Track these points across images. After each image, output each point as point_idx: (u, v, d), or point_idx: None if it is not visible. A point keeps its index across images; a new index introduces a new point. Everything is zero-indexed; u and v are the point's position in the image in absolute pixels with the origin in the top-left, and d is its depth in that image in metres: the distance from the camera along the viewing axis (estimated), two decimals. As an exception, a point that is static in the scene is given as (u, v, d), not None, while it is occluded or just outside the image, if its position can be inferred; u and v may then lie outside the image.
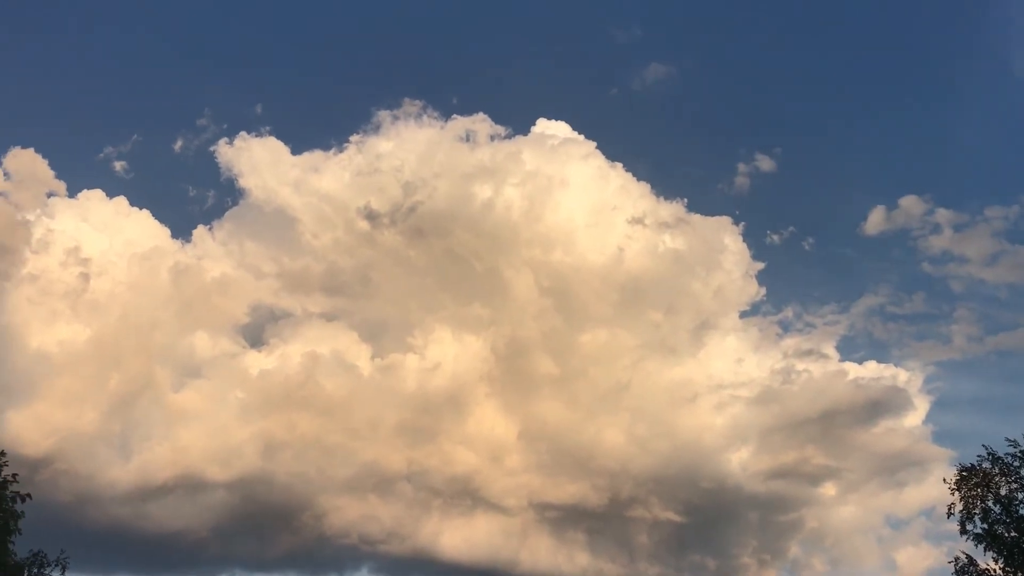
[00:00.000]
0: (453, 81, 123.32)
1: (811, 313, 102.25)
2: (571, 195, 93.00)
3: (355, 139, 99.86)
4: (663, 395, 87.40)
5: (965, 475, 34.22)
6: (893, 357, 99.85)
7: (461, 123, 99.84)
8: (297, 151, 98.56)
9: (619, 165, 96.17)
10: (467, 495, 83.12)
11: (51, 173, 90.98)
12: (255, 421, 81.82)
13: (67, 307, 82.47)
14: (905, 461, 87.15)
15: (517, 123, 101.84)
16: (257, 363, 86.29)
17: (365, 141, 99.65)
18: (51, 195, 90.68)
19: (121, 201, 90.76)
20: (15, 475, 35.01)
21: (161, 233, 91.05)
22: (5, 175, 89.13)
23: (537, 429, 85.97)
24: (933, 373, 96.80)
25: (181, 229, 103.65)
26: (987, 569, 33.36)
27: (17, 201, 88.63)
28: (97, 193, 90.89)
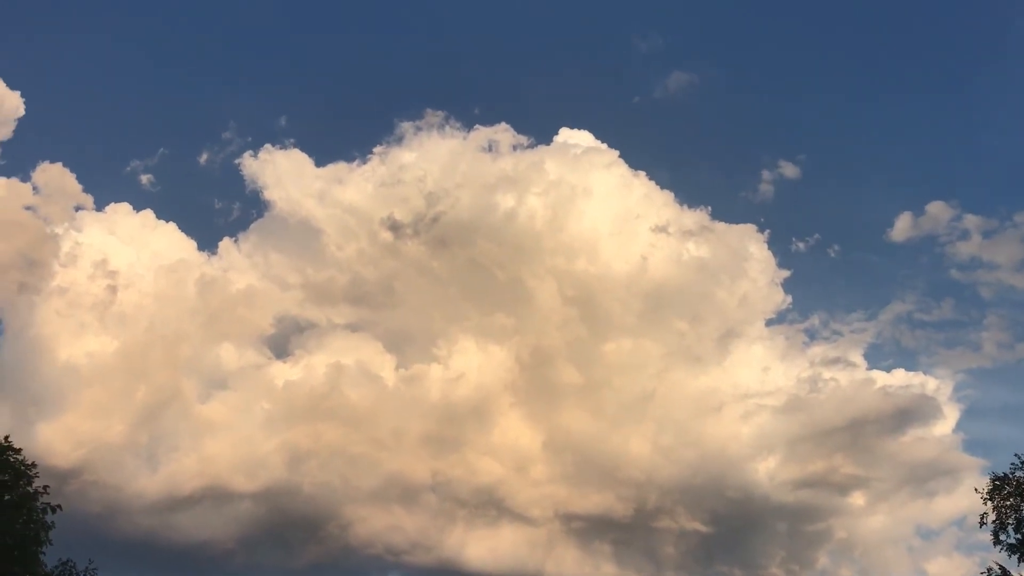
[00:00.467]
0: (475, 92, 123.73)
1: (838, 321, 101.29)
2: (594, 204, 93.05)
3: (378, 150, 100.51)
4: (689, 404, 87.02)
5: (998, 484, 33.75)
6: (922, 365, 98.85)
7: (483, 133, 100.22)
8: (321, 163, 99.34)
9: (642, 173, 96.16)
10: (492, 505, 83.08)
11: (79, 187, 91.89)
12: (280, 432, 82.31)
13: (95, 319, 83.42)
14: (935, 470, 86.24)
15: (540, 133, 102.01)
16: (282, 374, 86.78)
17: (388, 152, 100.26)
18: (79, 209, 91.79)
19: (148, 214, 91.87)
20: (46, 487, 35.33)
21: (187, 245, 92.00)
22: (34, 189, 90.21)
23: (562, 439, 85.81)
24: (963, 381, 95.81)
25: (207, 241, 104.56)
26: (1021, 580, 32.83)
27: (46, 215, 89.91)
28: (124, 206, 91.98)
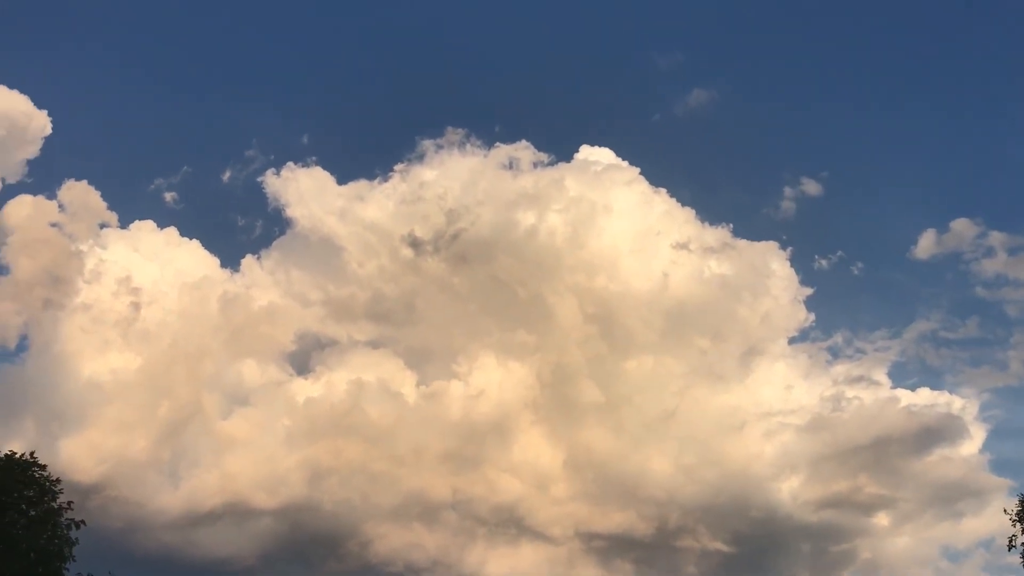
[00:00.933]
0: (496, 110, 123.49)
1: (861, 339, 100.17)
2: (615, 221, 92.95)
3: (399, 168, 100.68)
4: (711, 423, 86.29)
5: (1027, 505, 33.35)
6: (947, 384, 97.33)
7: (504, 151, 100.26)
8: (343, 181, 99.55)
9: (663, 191, 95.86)
10: (512, 524, 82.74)
11: (104, 204, 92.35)
12: (301, 448, 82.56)
13: (118, 336, 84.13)
14: (962, 491, 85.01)
15: (560, 150, 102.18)
16: (303, 391, 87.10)
17: (409, 170, 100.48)
18: (103, 226, 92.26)
19: (171, 231, 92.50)
20: (70, 502, 35.62)
21: (210, 263, 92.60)
22: (60, 207, 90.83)
23: (583, 457, 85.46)
24: (989, 400, 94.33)
25: (230, 258, 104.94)
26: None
27: (71, 232, 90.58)
28: (148, 224, 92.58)
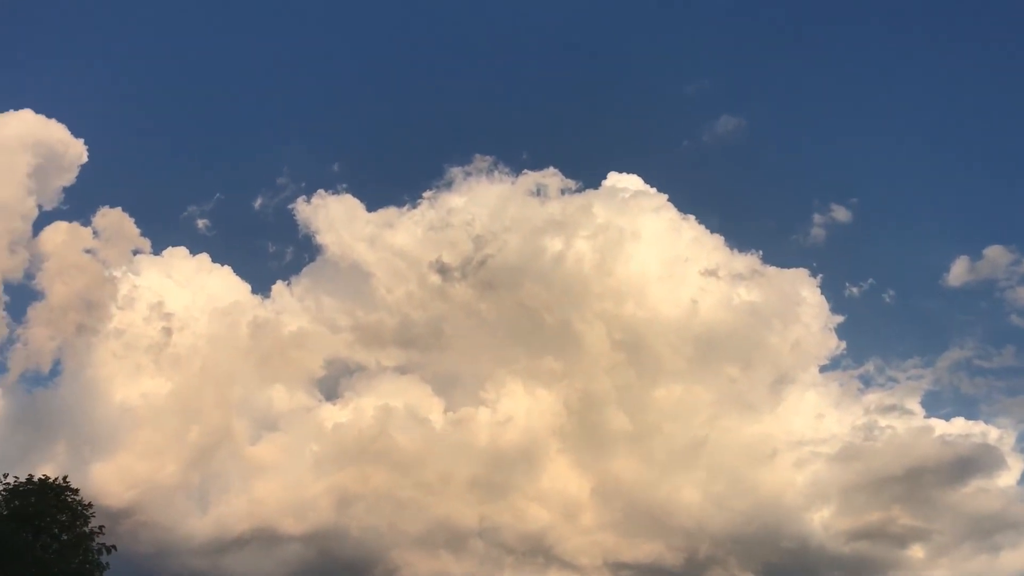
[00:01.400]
0: (523, 136, 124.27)
1: (893, 368, 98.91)
2: (643, 248, 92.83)
3: (428, 195, 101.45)
4: (741, 452, 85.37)
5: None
6: (982, 413, 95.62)
7: (532, 177, 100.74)
8: (372, 207, 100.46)
9: (691, 217, 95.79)
10: (540, 553, 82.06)
11: (137, 231, 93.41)
12: (329, 474, 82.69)
13: (150, 361, 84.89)
14: (1000, 523, 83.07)
15: (588, 177, 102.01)
16: (332, 416, 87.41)
17: (437, 197, 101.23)
18: (137, 252, 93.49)
19: (203, 258, 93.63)
20: (101, 527, 35.94)
21: (242, 288, 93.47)
22: (94, 233, 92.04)
23: (611, 486, 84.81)
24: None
25: (261, 285, 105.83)
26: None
27: (105, 258, 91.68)
28: (181, 250, 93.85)
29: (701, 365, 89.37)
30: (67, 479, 36.79)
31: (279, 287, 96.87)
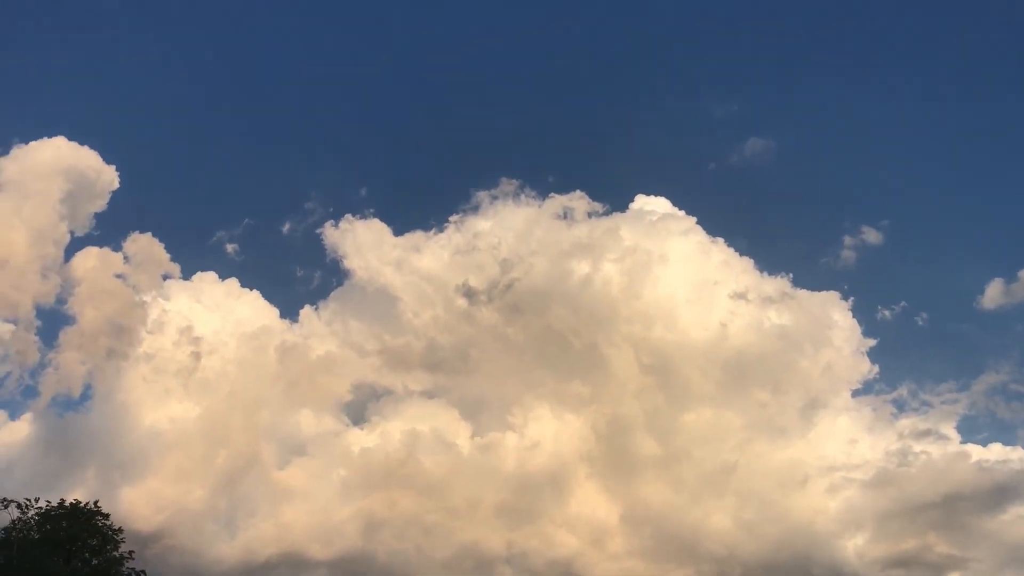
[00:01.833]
0: (550, 159, 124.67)
1: (927, 392, 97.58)
2: (671, 271, 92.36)
3: (454, 219, 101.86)
4: (772, 477, 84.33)
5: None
6: (1020, 439, 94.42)
7: (558, 201, 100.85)
8: (399, 232, 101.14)
9: (720, 240, 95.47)
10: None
11: (167, 256, 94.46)
12: (356, 499, 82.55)
13: (179, 385, 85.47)
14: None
15: (615, 200, 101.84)
16: (359, 441, 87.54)
17: (464, 221, 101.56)
18: (167, 277, 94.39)
19: (232, 283, 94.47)
20: (131, 552, 35.85)
21: (270, 313, 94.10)
22: (125, 258, 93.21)
23: (640, 512, 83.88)
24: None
25: (289, 309, 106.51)
26: None
27: (135, 283, 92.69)
28: (210, 275, 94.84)
29: (731, 389, 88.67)
30: (98, 504, 36.81)
31: (307, 311, 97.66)
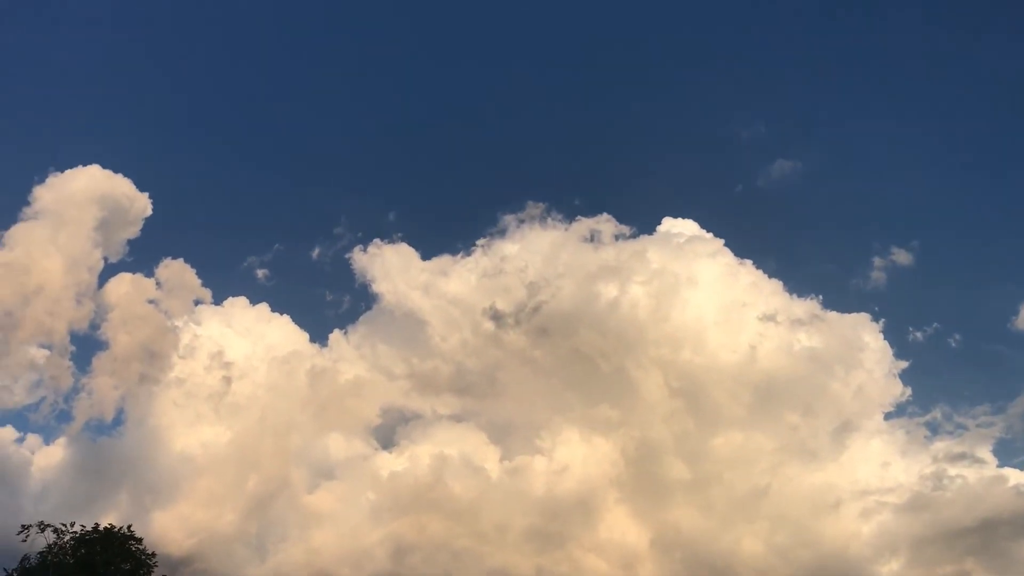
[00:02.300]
0: (576, 182, 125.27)
1: (962, 414, 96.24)
2: (699, 293, 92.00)
3: (481, 243, 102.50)
4: (804, 501, 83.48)
5: None
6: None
7: (585, 224, 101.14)
8: (427, 256, 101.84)
9: (749, 262, 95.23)
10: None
11: (198, 282, 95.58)
12: (385, 523, 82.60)
13: (210, 410, 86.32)
14: (1082, 578, 79.46)
15: (642, 222, 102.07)
16: (388, 464, 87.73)
17: (491, 244, 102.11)
18: (198, 302, 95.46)
19: (263, 307, 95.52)
20: (164, 576, 36.08)
21: (300, 337, 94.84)
22: (157, 284, 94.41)
23: (671, 536, 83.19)
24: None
25: (318, 333, 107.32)
26: None
27: (167, 308, 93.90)
28: (241, 300, 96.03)
29: (761, 412, 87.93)
30: (131, 528, 37.17)
31: (336, 335, 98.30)
